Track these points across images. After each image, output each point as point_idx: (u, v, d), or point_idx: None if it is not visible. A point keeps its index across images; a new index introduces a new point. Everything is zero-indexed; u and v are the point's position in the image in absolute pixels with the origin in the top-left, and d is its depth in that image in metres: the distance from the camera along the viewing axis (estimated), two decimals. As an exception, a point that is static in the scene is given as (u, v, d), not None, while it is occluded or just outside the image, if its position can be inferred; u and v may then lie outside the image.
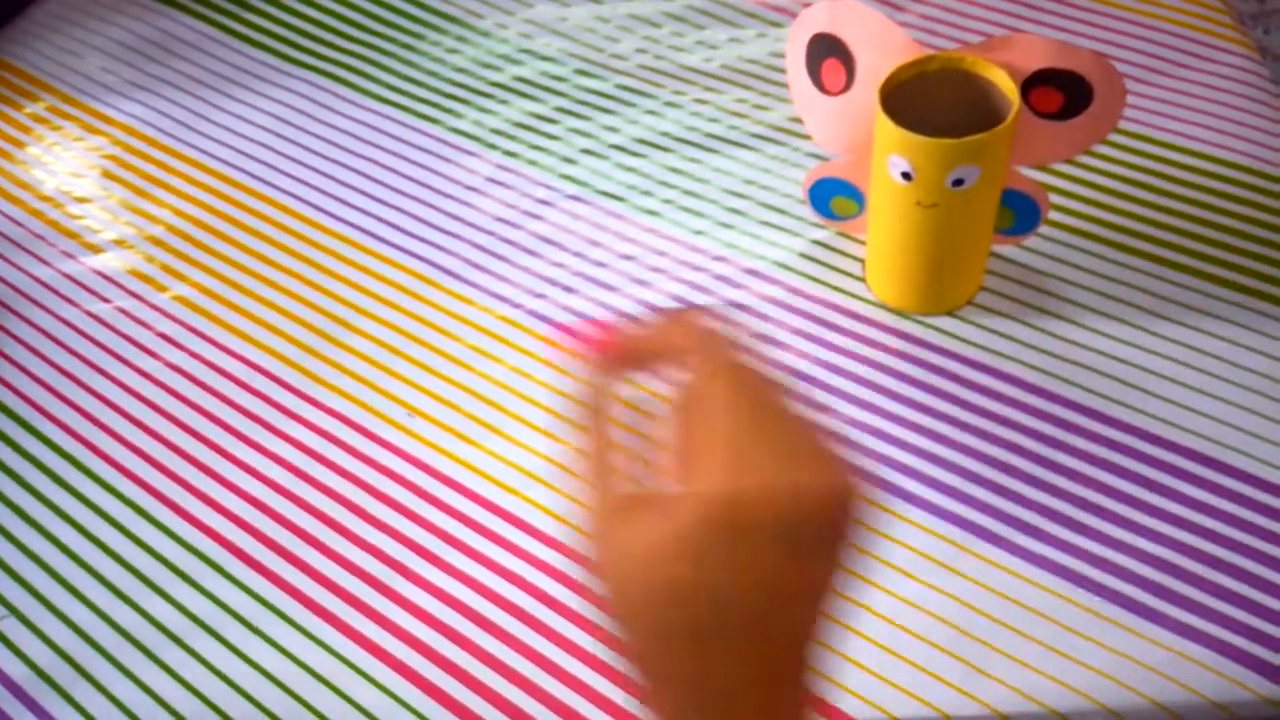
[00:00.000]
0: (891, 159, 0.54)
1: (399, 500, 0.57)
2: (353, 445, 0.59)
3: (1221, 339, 0.58)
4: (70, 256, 0.71)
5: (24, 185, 0.76)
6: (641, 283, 0.64)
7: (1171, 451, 0.55)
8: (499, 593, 0.53)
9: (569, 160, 0.71)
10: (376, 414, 0.61)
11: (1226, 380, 0.57)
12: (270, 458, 0.59)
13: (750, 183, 0.68)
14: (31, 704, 0.52)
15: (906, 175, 0.53)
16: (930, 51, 0.54)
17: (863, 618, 0.51)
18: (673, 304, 0.63)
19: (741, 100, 0.73)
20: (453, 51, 0.80)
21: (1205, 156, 0.66)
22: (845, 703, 0.49)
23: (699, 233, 0.66)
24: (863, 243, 0.64)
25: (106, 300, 0.68)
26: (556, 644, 0.51)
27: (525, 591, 0.53)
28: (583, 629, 0.52)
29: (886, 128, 0.53)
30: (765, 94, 0.73)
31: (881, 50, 0.55)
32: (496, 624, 0.52)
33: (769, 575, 0.27)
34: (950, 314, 0.61)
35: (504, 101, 0.75)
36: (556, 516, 0.55)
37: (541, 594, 0.53)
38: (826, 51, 0.57)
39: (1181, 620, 0.49)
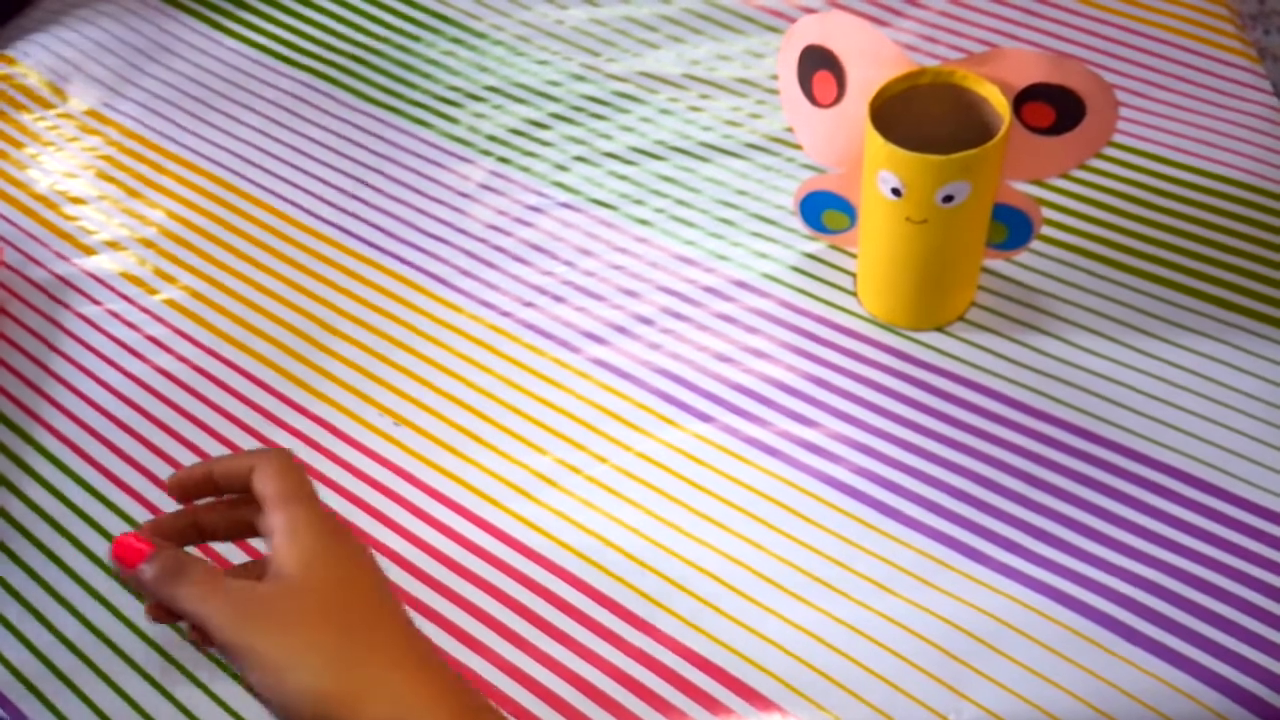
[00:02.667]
0: (881, 174, 0.53)
1: (381, 510, 0.57)
2: (337, 453, 0.59)
3: (1214, 359, 0.58)
4: (64, 258, 0.71)
5: (19, 185, 0.76)
6: (630, 293, 0.64)
7: (1161, 472, 0.54)
8: (477, 605, 0.53)
9: (561, 167, 0.71)
10: (362, 422, 0.60)
11: (1218, 402, 0.56)
12: (255, 464, 0.59)
13: (742, 193, 0.68)
14: (12, 709, 0.52)
15: (896, 191, 0.53)
16: (922, 65, 0.54)
17: (837, 630, 0.51)
18: (662, 315, 0.63)
19: (736, 108, 0.73)
20: (448, 54, 0.79)
21: (1204, 173, 0.65)
22: (814, 716, 0.48)
23: (689, 243, 0.66)
24: (854, 256, 0.64)
25: (97, 302, 0.68)
26: (537, 659, 0.51)
27: (505, 605, 0.53)
28: (562, 644, 0.52)
29: (876, 143, 0.52)
30: (760, 102, 0.73)
31: (872, 63, 0.54)
32: (477, 638, 0.52)
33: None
34: (941, 330, 0.61)
35: (498, 106, 0.75)
36: (541, 531, 0.55)
37: (524, 609, 0.53)
38: (818, 63, 0.57)
39: (1165, 644, 0.49)
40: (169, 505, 0.58)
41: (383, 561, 0.54)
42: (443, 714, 0.36)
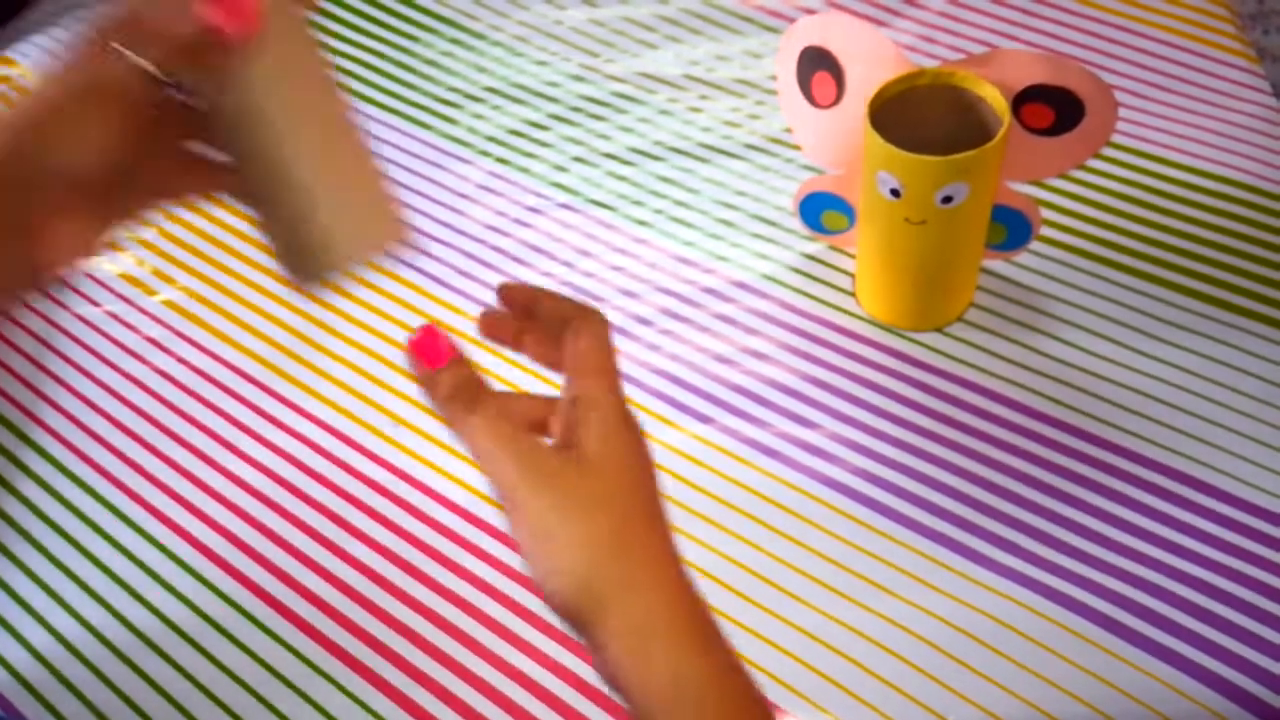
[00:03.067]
0: (880, 175, 0.53)
1: (380, 510, 0.57)
2: (336, 454, 0.59)
3: (1211, 359, 0.58)
4: (61, 258, 0.71)
5: (17, 185, 0.76)
6: (630, 294, 0.64)
7: (1160, 473, 0.54)
8: (476, 606, 0.53)
9: (560, 168, 0.71)
10: (361, 423, 0.60)
11: (1214, 401, 0.56)
12: (253, 465, 0.59)
13: (741, 194, 0.68)
14: (9, 708, 0.52)
15: (895, 192, 0.53)
16: (921, 66, 0.54)
17: (836, 632, 0.51)
18: (661, 316, 0.63)
19: (735, 109, 0.73)
20: (447, 55, 0.79)
21: (1202, 173, 0.65)
22: (813, 717, 0.48)
23: (689, 244, 0.66)
24: (853, 257, 0.64)
25: (96, 304, 0.68)
26: (537, 660, 0.51)
27: (503, 605, 0.53)
28: (560, 643, 0.51)
29: (875, 143, 0.52)
30: (759, 103, 0.73)
31: (871, 64, 0.54)
32: (476, 639, 0.52)
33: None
34: (940, 330, 0.61)
35: (497, 107, 0.75)
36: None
37: (521, 609, 0.53)
38: (817, 64, 0.56)
39: (1163, 644, 0.49)
40: (171, 508, 0.58)
41: (382, 561, 0.55)
42: (685, 641, 0.34)
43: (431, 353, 0.36)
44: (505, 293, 0.40)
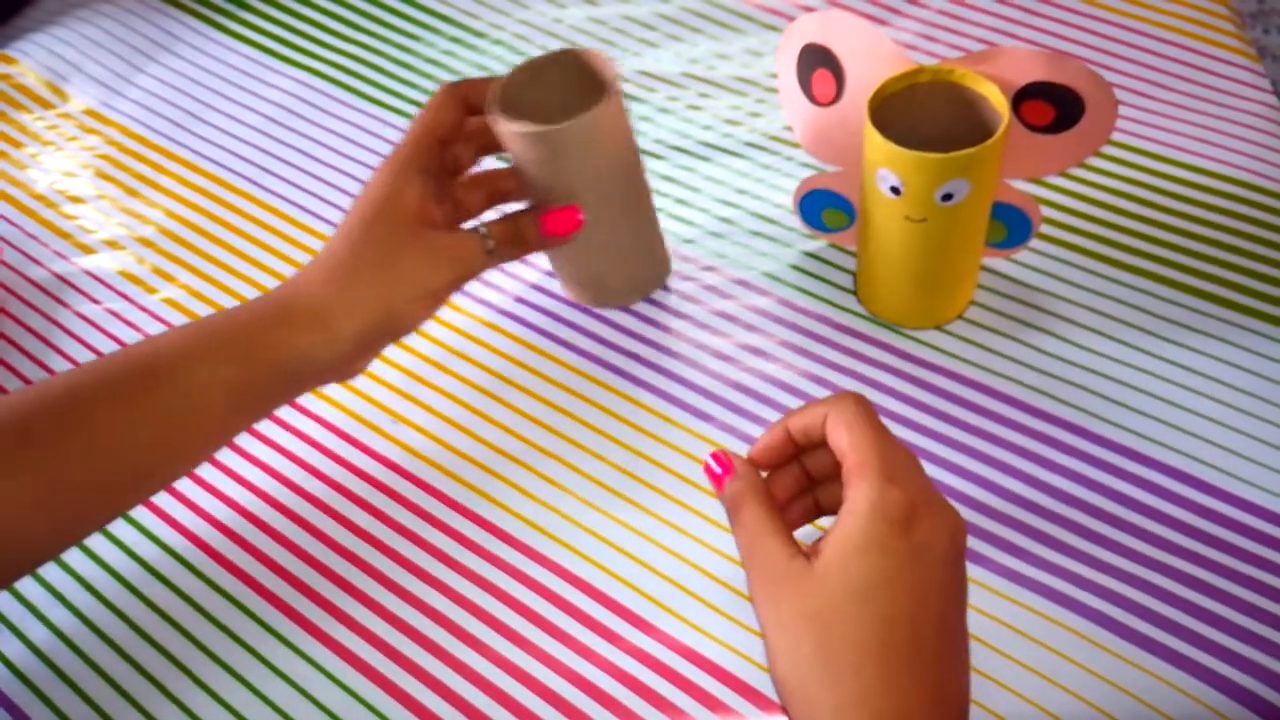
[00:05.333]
0: (880, 173, 0.53)
1: (378, 506, 0.57)
2: (336, 452, 0.59)
3: (1215, 358, 0.58)
4: (62, 257, 0.71)
5: (19, 184, 0.76)
6: (630, 291, 0.64)
7: (1161, 473, 0.54)
8: (474, 601, 0.53)
9: (561, 166, 0.71)
10: (361, 420, 0.60)
11: (1218, 401, 0.56)
12: (251, 461, 0.59)
13: (742, 192, 0.68)
14: (9, 705, 0.52)
15: (895, 189, 0.53)
16: (921, 63, 0.54)
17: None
18: (659, 313, 0.63)
19: (735, 107, 0.73)
20: (447, 53, 0.79)
21: (1203, 171, 0.65)
22: None
23: (689, 241, 0.66)
24: (854, 255, 0.63)
25: (96, 301, 0.68)
26: (538, 658, 0.51)
27: (501, 601, 0.53)
28: (562, 643, 0.51)
29: (875, 141, 0.52)
30: (760, 101, 0.73)
31: (871, 62, 0.54)
32: (477, 637, 0.52)
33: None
34: (940, 328, 0.61)
35: (497, 105, 0.75)
36: (540, 529, 0.55)
37: (522, 607, 0.53)
38: (817, 62, 0.56)
39: (1163, 643, 0.49)
40: (167, 502, 0.58)
41: (383, 560, 0.55)
42: None
43: (711, 475, 0.40)
44: (758, 459, 0.41)
